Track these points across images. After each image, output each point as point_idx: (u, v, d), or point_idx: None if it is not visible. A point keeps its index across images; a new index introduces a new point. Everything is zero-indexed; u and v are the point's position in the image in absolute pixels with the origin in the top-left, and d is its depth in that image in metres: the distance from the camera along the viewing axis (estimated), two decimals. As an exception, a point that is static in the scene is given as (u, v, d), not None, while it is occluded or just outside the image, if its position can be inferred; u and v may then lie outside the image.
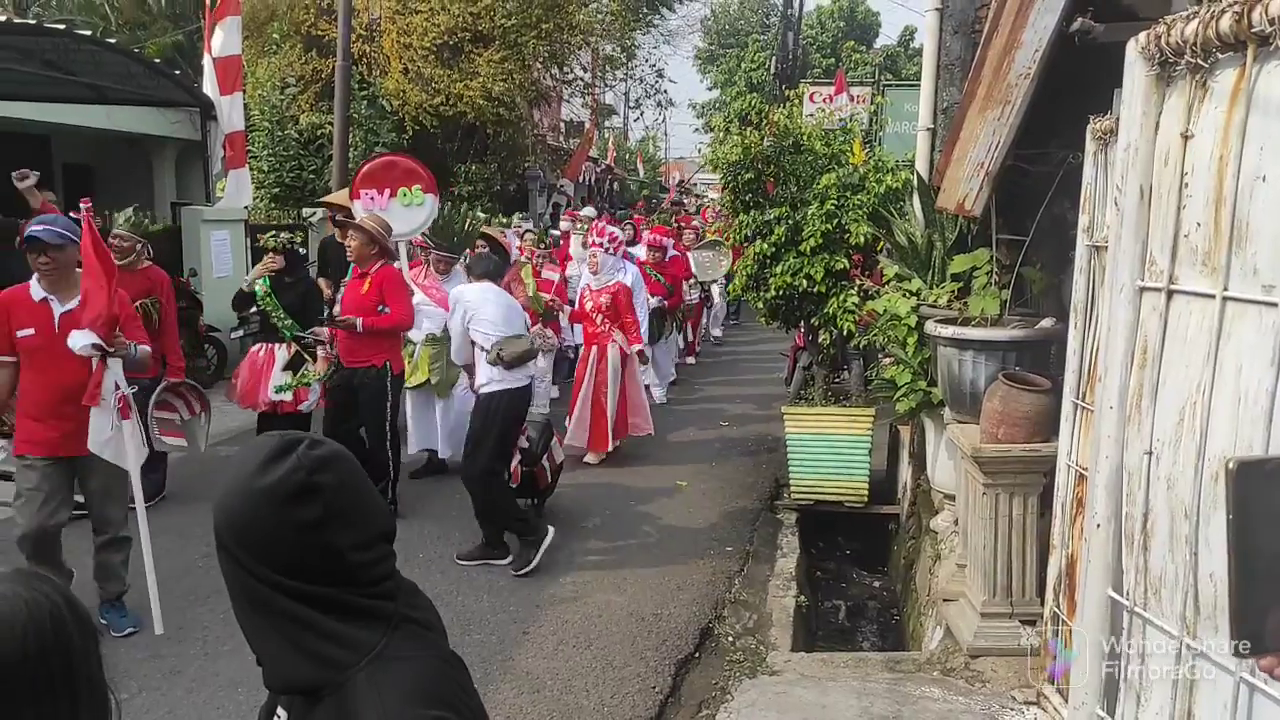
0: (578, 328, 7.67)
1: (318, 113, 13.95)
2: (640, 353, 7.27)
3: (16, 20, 9.20)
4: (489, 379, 5.25)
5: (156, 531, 5.45)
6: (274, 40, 14.58)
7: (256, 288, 6.22)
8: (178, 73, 10.39)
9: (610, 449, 7.22)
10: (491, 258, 5.92)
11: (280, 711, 1.29)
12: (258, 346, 6.22)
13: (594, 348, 7.27)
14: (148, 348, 4.22)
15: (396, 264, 6.07)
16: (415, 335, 6.45)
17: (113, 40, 10.07)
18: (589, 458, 7.16)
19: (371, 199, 6.32)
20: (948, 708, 3.62)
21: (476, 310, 5.33)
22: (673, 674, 4.16)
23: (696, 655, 4.39)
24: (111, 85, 9.19)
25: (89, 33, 9.07)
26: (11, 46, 8.16)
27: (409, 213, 6.39)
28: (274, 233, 6.38)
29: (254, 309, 6.18)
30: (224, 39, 9.13)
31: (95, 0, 19.98)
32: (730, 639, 4.55)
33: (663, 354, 9.71)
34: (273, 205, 13.18)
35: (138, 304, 5.22)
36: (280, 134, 13.55)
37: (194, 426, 5.69)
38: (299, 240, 7.10)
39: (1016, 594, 3.89)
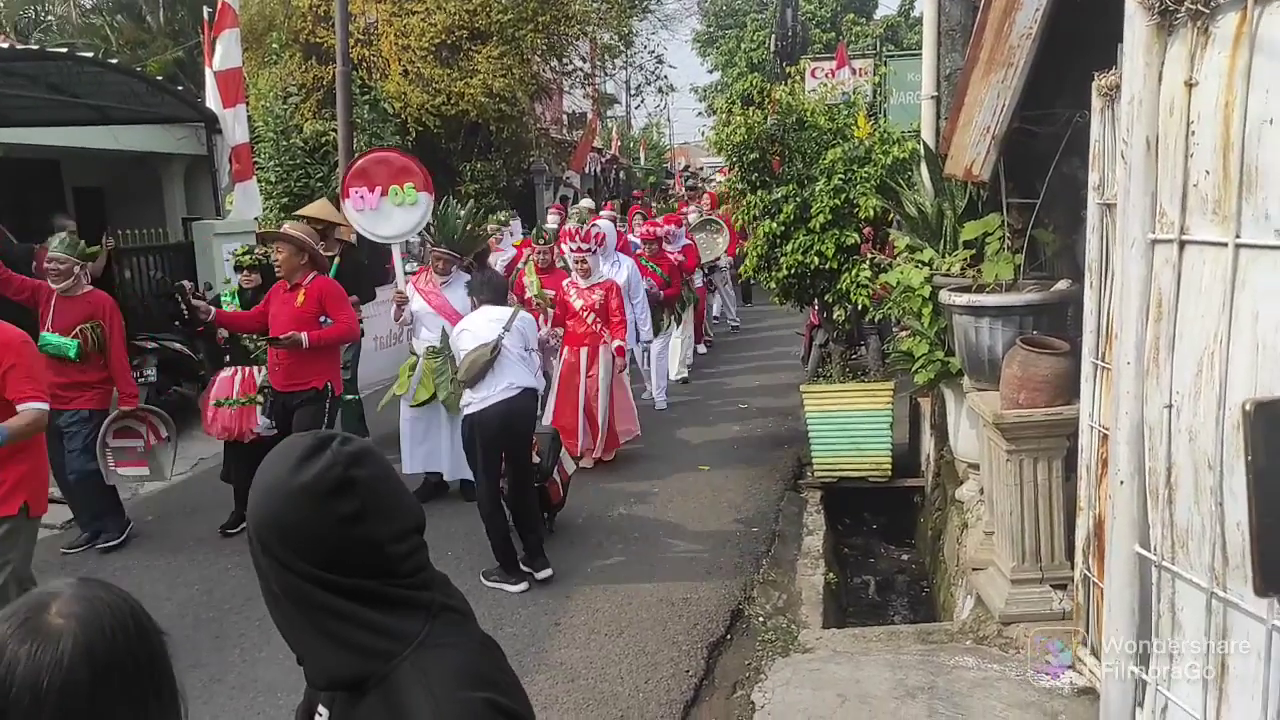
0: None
1: (321, 120, 13.98)
2: (620, 348, 6.72)
3: (20, 47, 9.30)
4: (465, 401, 4.94)
5: (187, 542, 5.57)
6: (273, 50, 14.60)
7: (224, 305, 5.78)
8: (180, 89, 10.46)
9: (606, 458, 6.88)
10: (496, 277, 5.56)
11: (321, 709, 1.30)
12: (232, 370, 5.75)
13: (583, 349, 6.77)
14: (36, 404, 3.52)
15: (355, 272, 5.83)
16: (416, 347, 6.09)
17: (114, 60, 10.13)
18: (583, 461, 6.70)
19: (361, 197, 5.81)
20: (982, 675, 3.62)
21: (456, 342, 5.04)
22: (705, 657, 4.18)
23: (728, 637, 4.40)
24: (116, 105, 9.25)
25: (90, 55, 9.09)
26: (17, 73, 8.23)
27: (402, 213, 5.88)
28: (246, 248, 5.94)
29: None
30: (224, 52, 9.17)
31: (95, 22, 20.15)
32: (761, 619, 4.56)
33: (662, 351, 8.95)
34: (282, 215, 13.23)
35: (77, 329, 5.08)
36: (285, 143, 13.59)
37: (158, 454, 5.55)
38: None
39: (1046, 558, 3.88)
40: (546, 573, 4.87)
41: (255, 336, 5.59)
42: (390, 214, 5.88)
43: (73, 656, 1.00)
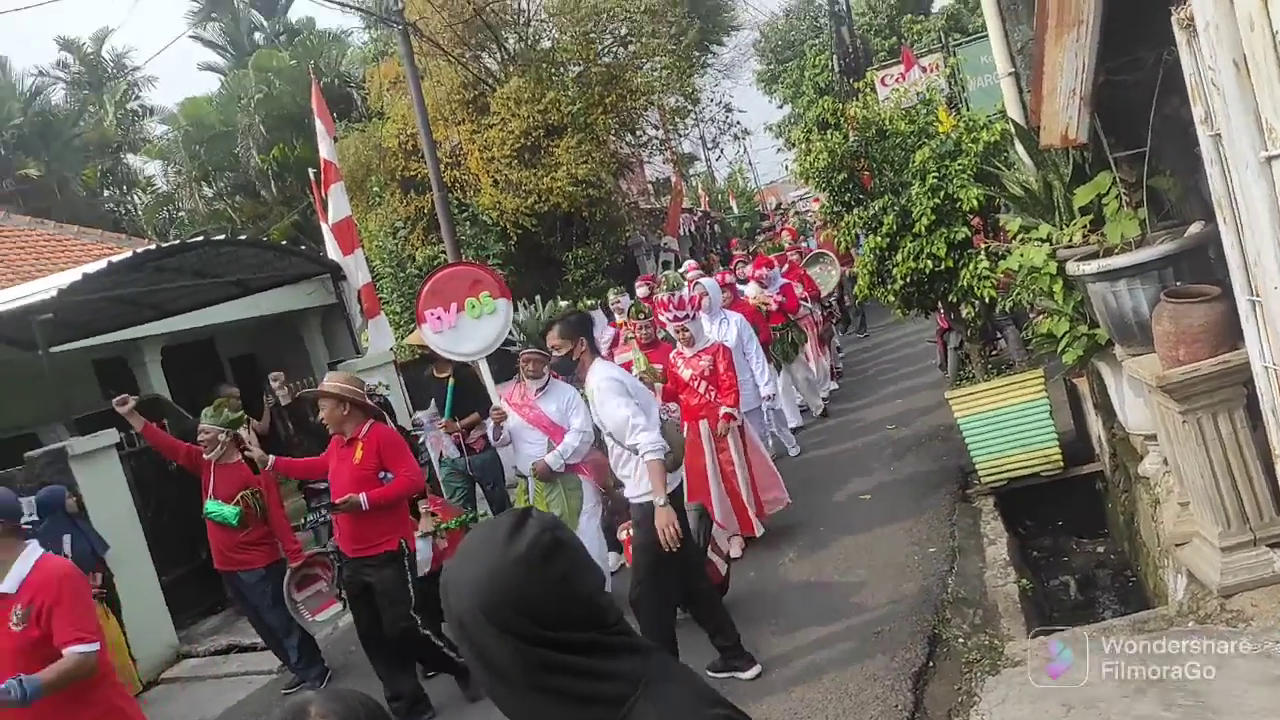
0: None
1: (429, 245, 14.85)
2: (727, 414, 6.05)
3: (163, 245, 10.34)
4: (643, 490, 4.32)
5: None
6: (375, 193, 15.70)
7: None
8: (303, 248, 11.34)
9: (758, 533, 6.24)
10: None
11: None
12: None
13: (702, 423, 6.14)
14: (81, 648, 3.07)
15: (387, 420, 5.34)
16: (523, 467, 5.56)
17: (243, 236, 11.12)
18: (733, 550, 6.06)
19: (438, 318, 5.63)
20: (1216, 658, 3.33)
21: (641, 408, 4.31)
22: (911, 688, 4.04)
23: (930, 664, 4.24)
24: (252, 276, 10.11)
25: (222, 236, 10.04)
26: (167, 268, 9.14)
27: (481, 325, 5.64)
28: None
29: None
30: (335, 206, 9.92)
31: (219, 208, 22.25)
32: (961, 640, 4.38)
33: (774, 400, 7.92)
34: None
35: (239, 496, 5.47)
36: (402, 274, 14.50)
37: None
38: (385, 389, 6.55)
39: (1254, 518, 3.58)
40: (755, 670, 4.46)
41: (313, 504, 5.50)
42: (471, 329, 5.66)
43: None
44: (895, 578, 5.18)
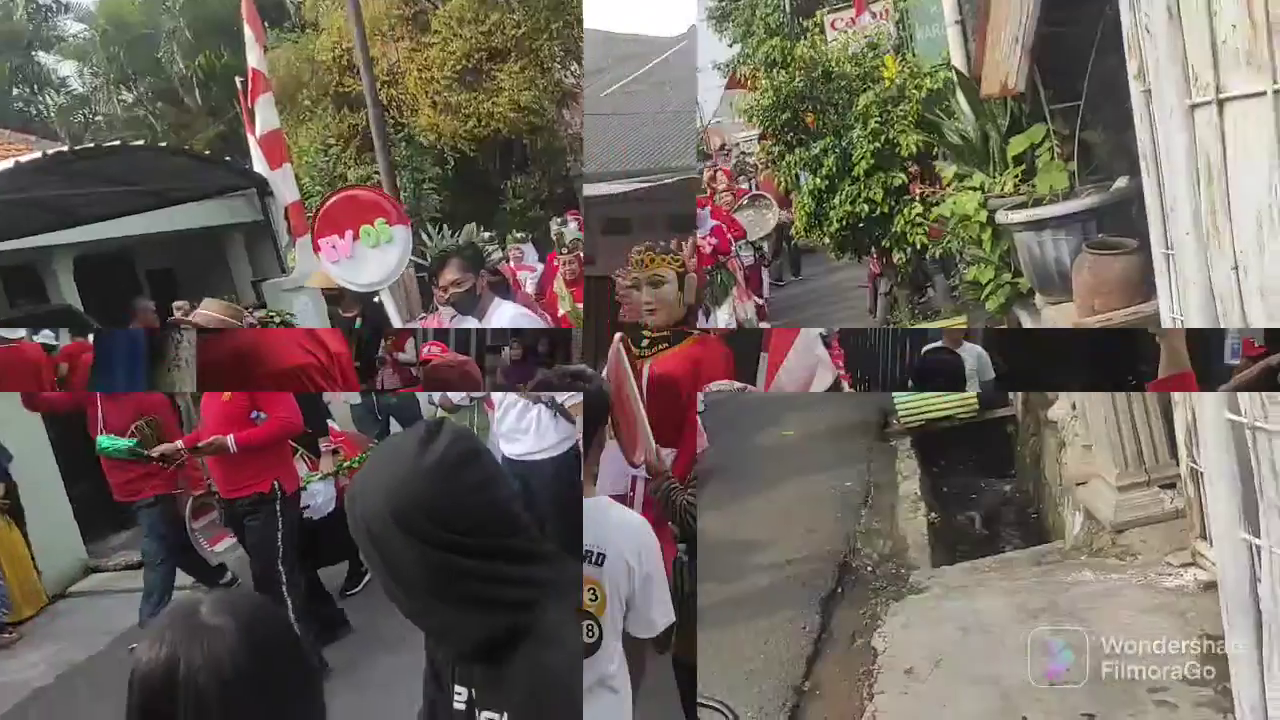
0: None
1: (363, 165, 14.40)
2: None
3: (77, 148, 9.81)
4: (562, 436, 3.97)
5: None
6: (306, 107, 15.10)
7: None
8: (228, 159, 10.89)
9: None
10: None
11: (458, 690, 1.37)
12: None
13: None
14: None
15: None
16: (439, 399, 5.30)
17: (163, 144, 10.62)
18: None
19: (334, 247, 5.13)
20: (1104, 587, 3.57)
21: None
22: (820, 611, 4.20)
23: (839, 590, 4.42)
24: (171, 186, 9.70)
25: (141, 142, 9.56)
26: (78, 173, 8.69)
27: (379, 254, 5.13)
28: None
29: None
30: (262, 118, 9.49)
31: (139, 114, 21.11)
32: (869, 568, 4.57)
33: None
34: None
35: (133, 427, 5.00)
36: (333, 194, 14.06)
37: None
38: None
39: (1150, 461, 3.80)
40: None
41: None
42: (367, 258, 5.15)
43: (240, 642, 1.12)
44: (812, 509, 5.36)
